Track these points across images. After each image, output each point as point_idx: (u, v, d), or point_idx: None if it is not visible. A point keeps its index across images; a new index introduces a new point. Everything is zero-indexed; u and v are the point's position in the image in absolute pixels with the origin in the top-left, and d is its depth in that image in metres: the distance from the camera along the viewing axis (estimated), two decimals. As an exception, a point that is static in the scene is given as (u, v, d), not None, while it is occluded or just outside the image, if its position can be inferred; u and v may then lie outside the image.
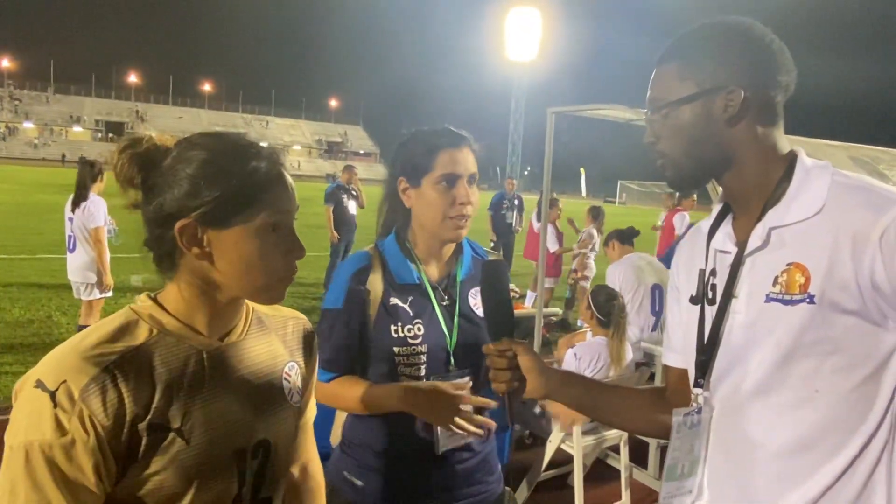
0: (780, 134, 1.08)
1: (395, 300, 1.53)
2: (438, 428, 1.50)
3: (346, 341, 1.51)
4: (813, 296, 0.95)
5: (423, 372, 1.52)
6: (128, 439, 0.88)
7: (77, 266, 4.89)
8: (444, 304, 1.58)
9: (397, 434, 1.53)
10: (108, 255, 4.86)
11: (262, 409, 1.04)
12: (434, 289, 1.57)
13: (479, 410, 1.49)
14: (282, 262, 0.98)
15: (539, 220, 8.54)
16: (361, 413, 1.52)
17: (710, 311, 1.10)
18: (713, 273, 1.11)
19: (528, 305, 8.34)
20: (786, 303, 0.98)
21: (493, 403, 1.48)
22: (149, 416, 0.90)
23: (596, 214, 8.36)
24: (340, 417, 1.67)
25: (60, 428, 0.83)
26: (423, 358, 1.51)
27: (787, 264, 0.98)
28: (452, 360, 1.55)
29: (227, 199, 0.93)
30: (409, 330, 1.51)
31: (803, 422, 0.98)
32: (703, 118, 1.05)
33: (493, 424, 1.50)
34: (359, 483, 1.54)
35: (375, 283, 1.53)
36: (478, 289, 1.60)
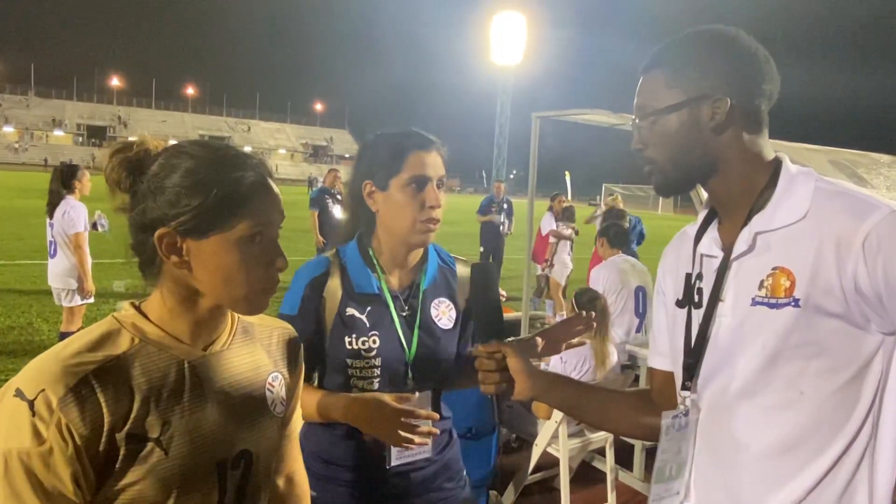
0: (765, 141, 1.09)
1: (351, 310, 1.48)
2: None
3: None
4: (798, 299, 0.97)
5: (376, 385, 1.47)
6: (106, 449, 0.87)
7: (58, 272, 4.82)
8: (404, 314, 1.53)
9: (348, 444, 1.49)
10: (89, 261, 4.80)
11: (243, 419, 1.04)
12: (395, 298, 1.53)
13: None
14: (262, 273, 0.98)
15: (549, 224, 8.67)
16: (312, 421, 1.47)
17: (697, 315, 1.11)
18: (699, 277, 1.13)
19: (550, 315, 8.44)
20: (771, 306, 0.99)
21: (436, 416, 1.42)
22: (127, 426, 0.89)
23: (570, 215, 8.64)
24: None
25: (38, 436, 0.83)
26: (377, 371, 1.47)
27: (773, 268, 1.00)
28: (411, 374, 1.51)
29: (207, 209, 0.93)
30: (363, 342, 1.47)
31: (788, 423, 1.00)
32: (690, 125, 1.06)
33: (436, 432, 1.44)
34: (314, 494, 1.49)
35: (333, 290, 1.48)
36: (441, 298, 1.59)
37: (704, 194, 1.17)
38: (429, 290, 1.58)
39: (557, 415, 3.23)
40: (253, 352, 1.10)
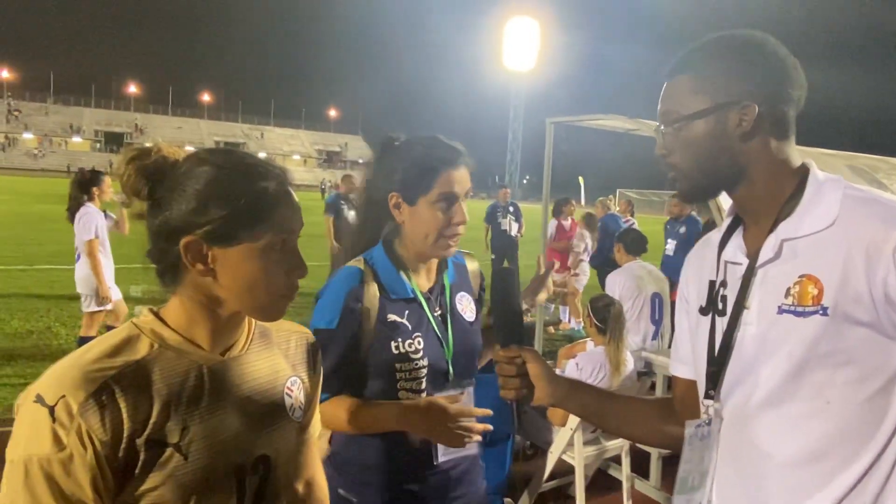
0: (792, 147, 1.08)
1: (392, 316, 1.50)
2: None
3: (340, 362, 1.47)
4: (826, 307, 0.95)
5: (423, 385, 1.50)
6: (126, 454, 0.88)
7: (80, 277, 4.91)
8: (437, 314, 1.57)
9: (394, 449, 1.51)
10: (102, 268, 4.82)
11: (262, 424, 1.04)
12: (427, 300, 1.57)
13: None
14: (284, 281, 0.99)
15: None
16: (356, 433, 1.49)
17: (721, 323, 1.09)
18: (723, 284, 1.11)
19: (563, 320, 8.50)
20: (798, 314, 0.97)
21: (489, 412, 1.46)
22: (147, 432, 0.89)
23: (588, 221, 8.64)
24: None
25: (59, 443, 0.84)
26: (424, 371, 1.50)
27: (800, 276, 0.98)
28: (452, 370, 1.55)
29: (234, 218, 0.94)
30: (409, 345, 1.49)
31: (814, 433, 0.98)
32: (717, 132, 1.05)
33: (490, 428, 1.48)
34: (354, 500, 1.52)
35: (372, 299, 1.49)
36: (463, 293, 1.65)
37: (723, 203, 1.15)
38: (453, 287, 1.63)
39: (573, 422, 3.21)
40: (271, 356, 1.10)
